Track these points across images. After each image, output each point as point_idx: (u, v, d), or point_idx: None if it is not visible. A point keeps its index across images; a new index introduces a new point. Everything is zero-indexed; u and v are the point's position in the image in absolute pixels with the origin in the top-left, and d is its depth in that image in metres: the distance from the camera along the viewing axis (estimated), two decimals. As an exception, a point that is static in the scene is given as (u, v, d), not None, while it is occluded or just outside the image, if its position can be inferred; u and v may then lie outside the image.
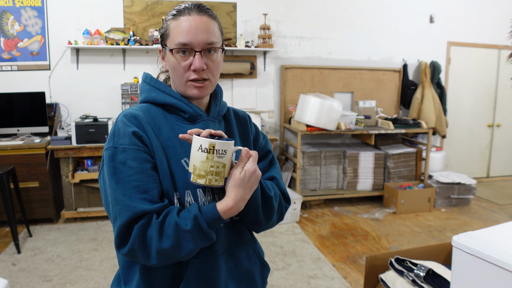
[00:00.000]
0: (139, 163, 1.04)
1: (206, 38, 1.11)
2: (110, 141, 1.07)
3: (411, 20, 5.89)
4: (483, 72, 6.45)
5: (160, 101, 1.17)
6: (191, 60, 1.11)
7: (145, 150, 1.06)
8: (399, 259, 1.93)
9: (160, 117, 1.15)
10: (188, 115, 1.17)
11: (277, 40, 5.39)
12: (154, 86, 1.19)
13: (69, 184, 4.47)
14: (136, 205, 0.99)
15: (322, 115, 4.75)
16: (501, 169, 6.86)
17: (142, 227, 0.99)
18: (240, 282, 1.20)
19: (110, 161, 1.04)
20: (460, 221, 4.78)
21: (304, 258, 3.70)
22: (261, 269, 1.28)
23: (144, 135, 1.07)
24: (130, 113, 1.11)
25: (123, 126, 1.07)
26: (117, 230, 0.99)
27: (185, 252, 1.01)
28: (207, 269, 1.11)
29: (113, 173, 1.03)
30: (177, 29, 1.10)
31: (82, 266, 3.49)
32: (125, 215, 0.98)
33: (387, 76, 5.84)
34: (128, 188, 1.01)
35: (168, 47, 1.13)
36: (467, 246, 0.86)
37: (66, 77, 4.82)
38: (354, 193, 5.23)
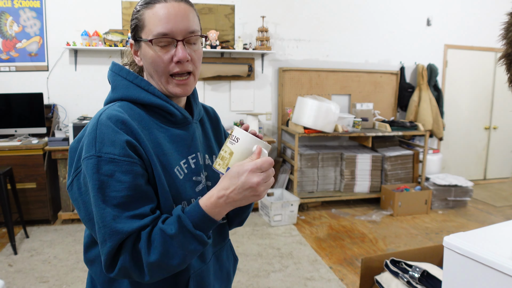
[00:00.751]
0: (132, 178, 0.91)
1: (187, 25, 1.00)
2: (91, 148, 0.91)
3: (408, 23, 5.92)
4: (479, 75, 6.48)
5: (144, 101, 1.03)
6: (173, 51, 1.00)
7: (139, 163, 0.94)
8: (395, 261, 1.94)
9: (146, 120, 1.02)
10: (175, 119, 1.07)
11: (275, 43, 5.40)
12: (133, 82, 1.05)
13: (67, 185, 4.47)
14: (127, 226, 0.89)
15: (320, 118, 4.76)
16: (498, 171, 6.88)
17: (132, 243, 0.90)
18: (222, 281, 1.21)
19: (94, 173, 0.90)
20: (457, 223, 4.80)
21: (301, 260, 3.71)
22: (234, 263, 1.29)
23: (137, 145, 0.95)
24: (115, 116, 0.95)
25: (111, 132, 0.92)
26: (106, 254, 0.90)
27: (176, 260, 0.91)
28: (203, 276, 1.09)
29: (99, 188, 0.90)
30: (153, 18, 0.98)
31: (79, 267, 3.49)
32: (114, 239, 0.89)
33: (384, 78, 5.86)
34: (115, 205, 0.90)
35: (145, 38, 1.00)
36: (458, 246, 0.87)
37: (64, 78, 4.82)
38: (352, 195, 5.24)
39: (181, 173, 1.04)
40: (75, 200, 0.98)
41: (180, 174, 1.03)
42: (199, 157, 1.10)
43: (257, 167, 0.90)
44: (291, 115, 5.22)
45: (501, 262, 0.79)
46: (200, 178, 1.09)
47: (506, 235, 0.93)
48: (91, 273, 1.09)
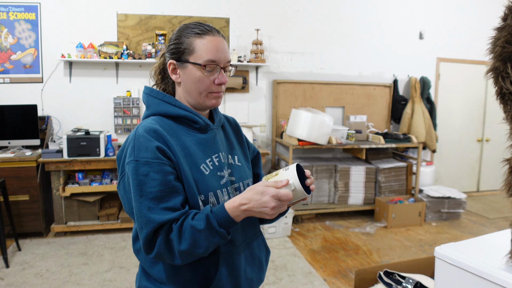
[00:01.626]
0: (163, 176, 1.14)
1: (227, 57, 1.27)
2: (131, 155, 1.16)
3: (401, 36, 5.99)
4: (472, 88, 6.55)
5: (173, 114, 1.27)
6: (216, 75, 1.25)
7: (168, 163, 1.16)
8: (388, 272, 1.95)
9: (174, 128, 1.26)
10: (199, 126, 1.29)
11: (269, 55, 5.45)
12: (163, 100, 1.29)
13: (60, 197, 4.45)
14: (159, 217, 1.10)
15: (314, 130, 4.78)
16: (491, 184, 6.92)
17: (165, 233, 1.11)
18: (253, 267, 1.37)
19: (134, 173, 1.14)
20: (451, 235, 4.81)
21: (295, 273, 3.70)
22: (266, 254, 1.46)
23: (166, 148, 1.17)
24: (149, 127, 1.19)
25: (145, 140, 1.16)
26: (143, 239, 1.12)
27: (202, 249, 1.11)
28: (233, 260, 1.27)
29: (137, 185, 1.13)
30: (204, 46, 1.23)
31: (71, 280, 3.46)
32: (149, 227, 1.10)
33: (377, 91, 5.91)
34: (151, 199, 1.12)
35: (194, 61, 1.23)
36: (449, 257, 0.88)
37: (59, 90, 4.82)
38: (346, 207, 5.25)
39: (206, 170, 1.25)
40: (122, 198, 1.24)
41: (206, 170, 1.25)
42: (221, 156, 1.32)
43: (277, 196, 1.09)
44: (285, 127, 5.24)
45: (491, 272, 0.80)
46: (223, 173, 1.30)
47: (496, 246, 0.94)
48: (139, 260, 1.33)
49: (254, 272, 1.37)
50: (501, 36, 0.79)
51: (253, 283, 1.37)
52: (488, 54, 0.83)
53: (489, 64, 3.45)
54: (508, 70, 0.78)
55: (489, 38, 0.83)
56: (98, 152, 4.40)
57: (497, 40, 0.80)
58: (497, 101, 0.84)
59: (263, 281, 1.47)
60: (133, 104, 4.95)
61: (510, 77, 0.78)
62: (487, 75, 0.83)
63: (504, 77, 0.79)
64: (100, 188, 4.57)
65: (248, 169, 1.44)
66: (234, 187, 1.32)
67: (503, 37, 0.78)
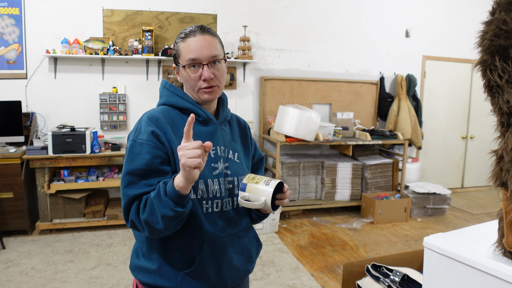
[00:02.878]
0: (151, 157, 1.25)
1: (210, 52, 1.33)
2: (132, 135, 1.31)
3: (387, 34, 6.04)
4: (457, 86, 6.64)
5: (179, 105, 1.39)
6: (200, 72, 1.34)
7: (159, 147, 1.27)
8: (376, 266, 1.97)
9: (177, 118, 1.37)
10: (201, 119, 1.39)
11: (256, 52, 5.44)
12: (174, 92, 1.41)
13: (45, 194, 4.39)
14: (134, 191, 1.23)
15: (301, 126, 4.80)
16: (475, 180, 7.03)
17: (137, 203, 1.23)
18: (241, 257, 1.43)
19: (128, 150, 1.28)
20: (436, 230, 4.87)
21: (283, 268, 3.71)
22: (257, 247, 1.52)
23: (161, 134, 1.28)
24: (153, 114, 1.33)
25: (145, 125, 1.29)
26: (123, 209, 1.25)
27: (157, 219, 1.17)
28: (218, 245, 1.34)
29: (127, 161, 1.27)
30: (186, 48, 1.34)
31: (57, 278, 3.42)
32: (125, 199, 1.24)
33: (364, 88, 5.95)
34: (134, 174, 1.24)
35: (181, 64, 1.36)
36: (438, 246, 0.89)
37: (43, 86, 4.76)
38: (332, 203, 5.28)
39: None
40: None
41: None
42: (219, 150, 1.40)
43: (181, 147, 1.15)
44: (272, 123, 5.25)
45: (480, 260, 0.82)
46: (217, 165, 1.38)
47: (483, 236, 0.96)
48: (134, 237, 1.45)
49: (240, 262, 1.42)
50: (489, 30, 0.80)
51: (239, 272, 1.43)
52: (476, 48, 0.84)
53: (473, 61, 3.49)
54: (496, 63, 0.79)
55: (477, 32, 0.84)
56: (84, 149, 4.36)
57: (485, 33, 0.81)
58: (485, 93, 0.85)
59: (251, 272, 1.53)
60: (119, 101, 4.90)
61: (498, 70, 0.79)
62: (475, 68, 0.85)
63: (492, 69, 0.80)
64: (86, 185, 4.52)
65: (247, 168, 1.52)
66: (228, 180, 1.39)
67: (491, 30, 0.79)
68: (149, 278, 1.34)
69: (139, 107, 5.02)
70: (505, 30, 0.78)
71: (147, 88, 5.06)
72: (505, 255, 0.83)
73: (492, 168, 0.84)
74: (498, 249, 0.86)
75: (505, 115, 0.82)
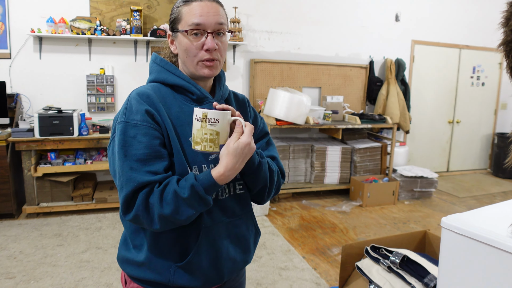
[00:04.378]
0: (149, 139, 1.13)
1: (217, 19, 1.20)
2: (122, 115, 1.16)
3: (377, 18, 6.02)
4: (444, 70, 6.68)
5: (170, 82, 1.25)
6: (203, 40, 1.20)
7: (155, 127, 1.15)
8: (375, 247, 1.98)
9: (170, 96, 1.24)
10: (195, 97, 1.26)
11: (247, 34, 5.38)
12: (164, 67, 1.27)
13: (31, 178, 4.31)
14: (140, 177, 1.09)
15: (292, 109, 4.78)
16: (460, 164, 7.14)
17: (145, 195, 1.09)
18: (238, 247, 1.33)
19: (121, 134, 1.13)
20: (423, 213, 4.95)
21: (275, 251, 3.73)
22: (255, 235, 1.41)
23: (156, 113, 1.16)
24: (143, 91, 1.19)
25: (136, 103, 1.16)
26: (123, 198, 1.10)
27: (184, 217, 1.10)
28: (215, 234, 1.24)
29: (123, 145, 1.12)
30: (190, 12, 1.19)
31: (46, 262, 3.38)
32: (130, 185, 1.09)
33: (354, 72, 5.94)
34: (135, 160, 1.11)
35: (181, 29, 1.21)
36: (456, 226, 0.89)
37: (28, 66, 4.62)
38: (322, 186, 5.31)
39: None
40: (109, 158, 1.20)
41: None
42: None
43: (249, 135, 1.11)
44: (262, 107, 5.22)
45: (500, 240, 0.82)
46: None
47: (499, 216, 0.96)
48: (124, 226, 1.31)
49: (237, 252, 1.33)
50: (515, 9, 0.78)
51: (236, 263, 1.33)
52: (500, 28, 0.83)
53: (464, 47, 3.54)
54: (523, 42, 0.77)
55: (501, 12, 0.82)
56: (72, 131, 4.27)
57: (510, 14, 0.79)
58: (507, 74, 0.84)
59: (249, 263, 1.42)
60: (107, 82, 4.81)
61: (524, 49, 0.78)
62: (498, 48, 0.83)
63: (517, 49, 0.79)
64: (74, 168, 4.45)
65: None
66: None
67: (518, 9, 0.78)
68: (139, 271, 1.24)
69: (127, 89, 4.93)
70: (533, 7, 0.76)
71: (136, 70, 4.97)
72: (525, 234, 0.84)
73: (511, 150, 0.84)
74: (516, 229, 0.86)
75: (529, 94, 0.81)
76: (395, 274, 1.85)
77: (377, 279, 1.85)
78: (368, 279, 1.92)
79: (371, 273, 1.85)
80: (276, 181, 1.35)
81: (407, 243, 2.09)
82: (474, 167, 7.30)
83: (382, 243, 2.01)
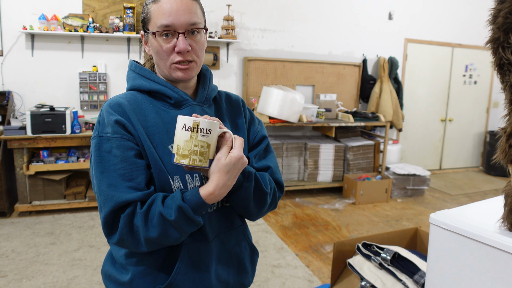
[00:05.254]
0: (123, 151, 1.04)
1: (188, 18, 1.08)
2: (96, 130, 1.08)
3: (371, 17, 6.04)
4: (437, 69, 6.72)
5: (146, 88, 1.15)
6: (175, 42, 1.09)
7: (128, 138, 1.06)
8: (366, 244, 1.99)
9: (146, 103, 1.14)
10: (173, 101, 1.15)
11: (240, 32, 5.37)
12: (139, 73, 1.18)
13: (24, 176, 4.29)
14: (119, 195, 0.99)
15: (285, 107, 4.79)
16: (452, 162, 7.19)
17: (128, 217, 1.00)
18: (230, 268, 1.21)
19: (96, 150, 1.05)
20: (415, 210, 4.98)
21: (268, 248, 3.74)
22: (251, 254, 1.28)
23: (127, 122, 1.06)
24: (114, 101, 1.10)
25: (107, 114, 1.07)
26: (103, 220, 1.01)
27: (173, 239, 1.02)
28: (199, 253, 1.12)
29: (99, 162, 1.03)
30: (158, 11, 1.08)
31: (39, 260, 3.37)
32: (108, 205, 0.99)
33: (347, 70, 5.96)
34: (114, 177, 1.01)
35: (150, 30, 1.11)
36: (444, 222, 0.90)
37: (20, 64, 4.59)
38: (315, 184, 5.32)
39: None
40: (91, 177, 1.10)
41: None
42: None
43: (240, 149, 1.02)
44: (256, 104, 5.22)
45: (488, 235, 0.83)
46: None
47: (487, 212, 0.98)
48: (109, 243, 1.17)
49: (230, 274, 1.21)
50: (503, 8, 0.80)
51: (229, 287, 1.21)
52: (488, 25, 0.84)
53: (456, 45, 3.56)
54: (510, 41, 0.79)
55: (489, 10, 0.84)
56: (64, 129, 4.26)
57: (498, 11, 0.81)
58: (495, 71, 0.86)
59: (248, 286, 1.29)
60: (99, 80, 4.79)
61: (511, 47, 0.79)
62: (486, 45, 0.84)
63: (505, 47, 0.80)
64: (66, 166, 4.43)
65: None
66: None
67: (506, 8, 0.79)
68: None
69: (120, 87, 4.91)
70: (521, 7, 0.78)
71: (129, 68, 4.95)
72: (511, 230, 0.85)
73: (500, 145, 0.85)
74: (504, 225, 0.87)
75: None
76: (386, 271, 1.87)
77: (368, 275, 1.86)
78: (360, 276, 1.94)
79: (363, 270, 1.87)
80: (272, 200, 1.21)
81: (399, 240, 2.11)
82: (466, 165, 7.36)
83: (374, 240, 2.03)
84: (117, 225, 1.01)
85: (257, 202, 1.16)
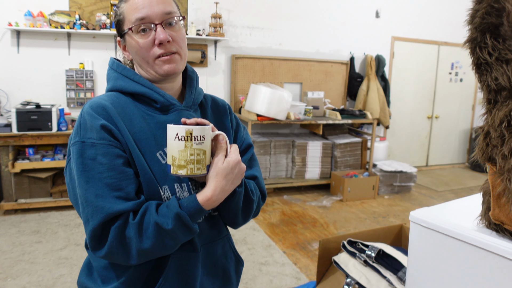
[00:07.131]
0: (110, 159, 0.96)
1: (163, 8, 1.03)
2: (77, 135, 0.99)
3: (358, 15, 6.07)
4: (423, 67, 6.79)
5: (129, 90, 1.08)
6: (153, 35, 1.03)
7: (115, 144, 0.99)
8: (351, 241, 2.01)
9: (131, 107, 1.07)
10: (159, 105, 1.08)
11: (228, 29, 5.37)
12: (122, 73, 1.10)
13: (9, 173, 4.25)
14: (109, 206, 0.93)
15: (273, 105, 4.80)
16: (438, 158, 7.27)
17: (119, 229, 0.94)
18: (215, 279, 1.18)
19: (79, 157, 0.96)
20: (402, 207, 5.03)
21: (255, 246, 3.75)
22: (236, 264, 1.25)
23: (114, 128, 0.99)
24: (97, 103, 1.02)
25: (90, 118, 0.99)
26: (90, 233, 0.94)
27: (168, 248, 0.98)
28: (186, 264, 1.08)
29: (83, 170, 0.95)
30: (130, 8, 1.04)
31: (24, 259, 3.34)
32: (98, 217, 0.92)
33: (335, 68, 5.99)
34: (100, 186, 0.94)
35: (126, 28, 1.06)
36: (423, 220, 0.92)
37: (6, 61, 4.53)
38: (303, 181, 5.35)
39: (164, 158, 1.05)
40: (67, 185, 1.04)
41: (163, 158, 1.05)
42: None
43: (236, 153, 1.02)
44: (243, 102, 5.23)
45: (466, 233, 0.85)
46: None
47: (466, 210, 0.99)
48: (89, 256, 1.14)
49: (216, 285, 1.18)
50: (480, 8, 0.81)
51: None
52: (466, 26, 0.86)
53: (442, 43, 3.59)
54: (487, 41, 0.80)
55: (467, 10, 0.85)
56: (50, 127, 4.22)
57: (476, 11, 0.82)
58: (473, 71, 0.87)
59: None
60: (86, 77, 4.75)
61: (488, 47, 0.81)
62: (464, 45, 0.86)
63: (482, 47, 0.82)
64: (53, 164, 4.40)
65: None
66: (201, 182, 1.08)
67: (482, 8, 0.80)
68: None
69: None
70: (497, 8, 0.79)
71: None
72: (489, 227, 0.87)
73: (478, 144, 0.87)
74: (482, 222, 0.89)
75: (493, 92, 0.84)
76: (371, 268, 1.89)
77: (353, 273, 1.89)
78: (345, 273, 1.96)
79: (348, 267, 1.89)
80: (255, 208, 1.20)
81: (384, 237, 2.13)
82: (453, 161, 7.45)
83: (360, 237, 2.05)
84: (106, 238, 0.94)
85: (244, 209, 1.15)
